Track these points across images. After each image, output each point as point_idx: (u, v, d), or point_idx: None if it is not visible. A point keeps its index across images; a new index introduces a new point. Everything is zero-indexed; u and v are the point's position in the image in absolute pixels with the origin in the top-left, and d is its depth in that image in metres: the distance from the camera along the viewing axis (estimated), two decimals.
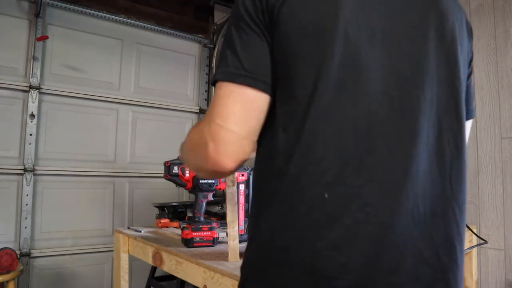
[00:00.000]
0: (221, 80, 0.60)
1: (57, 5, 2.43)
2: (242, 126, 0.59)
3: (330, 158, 0.56)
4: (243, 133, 0.59)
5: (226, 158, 0.60)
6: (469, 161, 1.67)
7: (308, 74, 0.58)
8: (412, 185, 0.57)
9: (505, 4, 1.61)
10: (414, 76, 0.61)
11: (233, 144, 0.60)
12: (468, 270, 1.60)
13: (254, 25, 0.61)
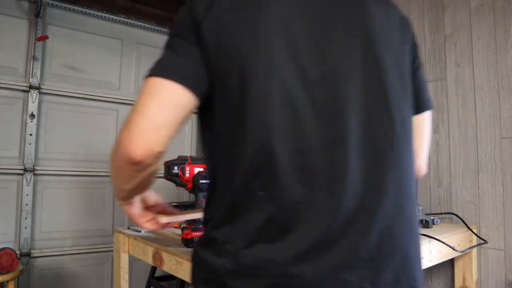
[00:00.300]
0: (149, 76, 0.62)
1: (57, 5, 2.42)
2: (162, 115, 0.59)
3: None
4: (162, 122, 0.59)
5: (136, 146, 0.58)
6: (469, 161, 1.67)
7: (234, 87, 0.62)
8: (345, 185, 0.59)
9: (505, 4, 1.61)
10: (339, 79, 0.63)
11: (147, 131, 0.59)
12: (468, 270, 1.60)
13: (188, 33, 0.64)
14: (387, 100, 0.65)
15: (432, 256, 1.34)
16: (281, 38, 0.62)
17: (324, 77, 0.62)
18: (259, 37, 0.62)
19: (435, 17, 1.85)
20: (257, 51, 0.61)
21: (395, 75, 0.68)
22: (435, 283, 1.79)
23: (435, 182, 1.81)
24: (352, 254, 0.59)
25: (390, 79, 0.66)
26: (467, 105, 1.72)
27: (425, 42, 1.88)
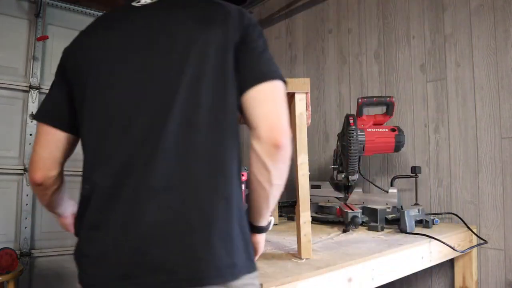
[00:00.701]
0: (36, 119, 0.88)
1: (57, 5, 2.43)
2: (44, 150, 0.85)
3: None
4: (46, 155, 0.85)
5: (33, 173, 0.86)
6: (469, 161, 1.67)
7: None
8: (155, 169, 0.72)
9: (505, 4, 1.61)
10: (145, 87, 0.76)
11: (39, 163, 0.85)
12: (468, 270, 1.60)
13: (58, 76, 0.87)
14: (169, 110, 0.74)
15: (432, 256, 1.34)
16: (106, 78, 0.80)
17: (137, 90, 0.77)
18: (89, 78, 0.80)
19: (435, 17, 1.85)
20: (88, 89, 0.80)
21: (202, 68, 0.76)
22: (435, 283, 1.79)
23: (435, 182, 1.81)
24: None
25: (182, 78, 0.75)
26: (467, 105, 1.72)
27: (425, 42, 1.88)
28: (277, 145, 0.72)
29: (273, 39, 2.80)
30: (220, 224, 0.71)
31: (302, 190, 1.01)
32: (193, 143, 0.74)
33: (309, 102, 1.05)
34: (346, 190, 1.89)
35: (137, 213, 0.70)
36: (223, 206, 0.72)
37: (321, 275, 0.93)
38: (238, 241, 0.74)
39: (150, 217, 0.69)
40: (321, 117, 2.37)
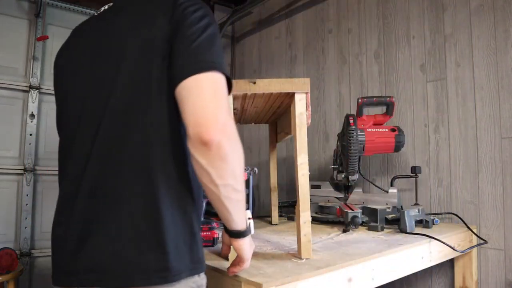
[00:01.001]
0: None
1: (57, 5, 2.43)
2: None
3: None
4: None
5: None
6: (469, 161, 1.67)
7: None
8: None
9: (505, 4, 1.60)
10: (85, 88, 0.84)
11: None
12: (468, 270, 1.60)
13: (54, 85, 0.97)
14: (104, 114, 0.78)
15: (432, 256, 1.34)
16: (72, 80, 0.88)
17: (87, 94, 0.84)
18: (57, 87, 0.93)
19: (435, 17, 1.85)
20: (57, 99, 0.92)
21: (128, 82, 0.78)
22: (435, 283, 1.79)
23: (435, 182, 1.81)
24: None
25: (111, 77, 0.79)
26: (467, 105, 1.72)
27: (425, 42, 1.88)
28: (205, 142, 0.67)
29: (273, 39, 2.80)
30: (147, 228, 0.73)
31: (302, 190, 1.01)
32: (120, 148, 0.76)
33: (309, 102, 1.05)
34: (346, 190, 1.89)
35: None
36: (151, 210, 0.73)
37: (321, 275, 0.93)
38: (175, 244, 0.73)
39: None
40: (321, 117, 2.37)
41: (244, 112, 1.44)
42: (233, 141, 0.70)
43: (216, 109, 0.69)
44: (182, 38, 0.76)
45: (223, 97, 0.72)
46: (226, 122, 0.69)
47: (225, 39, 3.21)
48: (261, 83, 1.04)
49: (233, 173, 0.72)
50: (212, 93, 0.71)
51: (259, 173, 2.70)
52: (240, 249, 0.85)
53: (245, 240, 0.85)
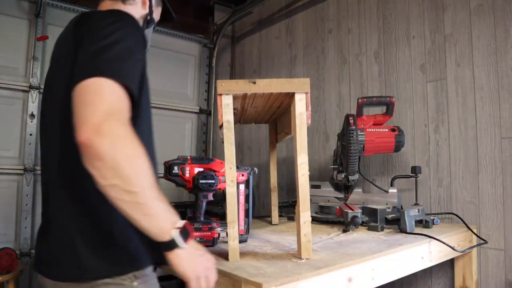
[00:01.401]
0: None
1: (57, 5, 2.42)
2: None
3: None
4: None
5: None
6: (469, 161, 1.67)
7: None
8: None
9: (505, 4, 1.60)
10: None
11: None
12: (468, 270, 1.60)
13: None
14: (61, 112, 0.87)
15: (432, 256, 1.34)
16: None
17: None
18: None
19: (435, 17, 1.85)
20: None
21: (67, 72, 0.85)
22: (435, 283, 1.79)
23: (435, 182, 1.80)
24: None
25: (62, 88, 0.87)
26: (467, 105, 1.72)
27: (425, 42, 1.88)
28: (80, 143, 0.71)
29: (273, 39, 2.80)
30: (64, 232, 0.86)
31: (302, 190, 1.01)
32: (53, 158, 0.89)
33: (309, 102, 1.05)
34: (346, 190, 1.89)
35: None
36: (65, 215, 0.86)
37: (321, 275, 0.93)
38: (85, 246, 0.83)
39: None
40: (321, 117, 2.37)
41: (244, 112, 1.44)
42: (114, 141, 0.71)
43: (87, 112, 0.73)
44: (79, 50, 0.84)
45: (100, 100, 0.74)
46: (101, 123, 0.71)
47: (225, 39, 3.21)
48: (261, 83, 1.04)
49: (116, 172, 0.71)
50: (88, 98, 0.75)
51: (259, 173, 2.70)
52: (175, 265, 0.79)
53: (178, 253, 0.78)
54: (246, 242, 1.27)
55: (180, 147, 2.98)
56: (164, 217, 0.77)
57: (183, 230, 0.78)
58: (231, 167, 1.01)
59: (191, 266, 0.80)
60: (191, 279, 0.81)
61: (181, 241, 0.78)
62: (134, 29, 0.90)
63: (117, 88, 0.78)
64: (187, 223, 0.81)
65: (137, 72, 0.85)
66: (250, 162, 2.91)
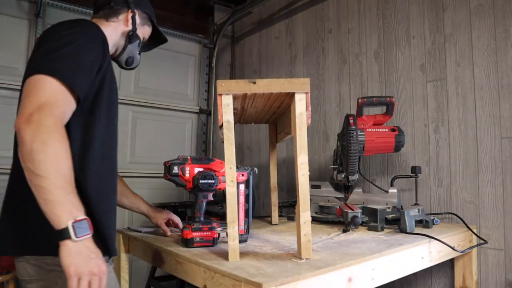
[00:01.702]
0: None
1: (57, 5, 2.43)
2: None
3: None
4: None
5: None
6: (469, 161, 1.67)
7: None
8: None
9: (505, 4, 1.61)
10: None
11: None
12: (468, 270, 1.60)
13: None
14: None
15: (432, 256, 1.34)
16: None
17: None
18: None
19: (435, 17, 1.85)
20: None
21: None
22: (435, 283, 1.79)
23: (435, 182, 1.81)
24: None
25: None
26: (467, 105, 1.72)
27: (425, 42, 1.88)
28: (15, 129, 0.88)
29: (273, 39, 2.80)
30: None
31: (302, 190, 1.01)
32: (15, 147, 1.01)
33: (309, 102, 1.05)
34: (346, 190, 1.89)
35: None
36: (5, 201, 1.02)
37: (321, 275, 0.93)
38: (6, 226, 0.99)
39: None
40: (321, 117, 2.37)
41: (244, 112, 1.44)
42: (37, 129, 0.83)
43: (25, 104, 0.88)
44: (36, 52, 1.01)
45: (36, 94, 0.88)
46: (32, 113, 0.85)
47: (225, 39, 3.21)
48: (261, 83, 1.04)
49: (30, 156, 0.83)
50: (27, 94, 0.90)
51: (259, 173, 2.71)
52: (61, 257, 0.81)
53: (68, 245, 0.81)
54: (246, 242, 1.27)
55: (180, 147, 2.98)
56: (63, 206, 0.82)
57: (80, 225, 0.82)
58: (231, 167, 1.01)
59: (76, 263, 0.81)
60: (71, 276, 0.81)
61: (73, 234, 0.80)
62: (89, 34, 1.03)
63: (54, 84, 0.90)
64: (88, 220, 0.84)
65: (83, 72, 0.96)
66: (250, 162, 2.91)
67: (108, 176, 1.09)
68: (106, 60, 1.07)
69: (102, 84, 1.05)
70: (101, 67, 1.04)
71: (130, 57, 1.30)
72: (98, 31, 1.07)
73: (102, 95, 1.05)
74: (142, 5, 1.33)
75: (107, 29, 1.21)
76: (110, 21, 1.23)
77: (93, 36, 1.04)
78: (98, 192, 1.03)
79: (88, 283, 0.82)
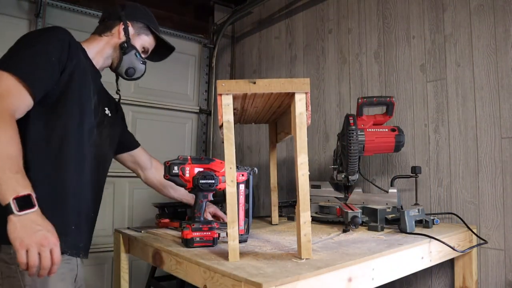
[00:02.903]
0: None
1: (57, 5, 2.42)
2: None
3: None
4: None
5: None
6: (469, 161, 1.67)
7: None
8: None
9: (505, 4, 1.60)
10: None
11: None
12: (468, 270, 1.60)
13: None
14: None
15: (432, 256, 1.34)
16: None
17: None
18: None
19: (435, 17, 1.85)
20: None
21: None
22: (435, 283, 1.79)
23: (435, 182, 1.81)
24: None
25: None
26: (467, 105, 1.72)
27: (425, 42, 1.88)
28: None
29: (273, 39, 2.80)
30: None
31: (302, 190, 1.01)
32: None
33: (309, 102, 1.05)
34: (346, 190, 1.89)
35: None
36: None
37: (321, 275, 0.93)
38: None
39: None
40: (321, 117, 2.37)
41: (244, 112, 1.44)
42: None
43: None
44: None
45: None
46: None
47: (225, 39, 3.21)
48: (261, 83, 1.04)
49: None
50: None
51: (259, 173, 2.71)
52: (8, 231, 0.87)
53: (12, 220, 0.87)
54: (246, 242, 1.27)
55: (180, 147, 2.98)
56: (6, 185, 0.87)
57: (22, 200, 0.87)
58: (231, 167, 1.01)
59: (21, 236, 0.86)
60: (17, 249, 0.86)
61: (14, 209, 0.86)
62: (51, 37, 1.11)
63: (9, 79, 0.98)
64: (31, 196, 0.89)
65: (41, 72, 1.04)
66: (250, 162, 2.91)
67: (66, 176, 1.12)
68: (73, 62, 1.13)
69: (67, 85, 1.11)
70: (65, 68, 1.11)
71: (130, 67, 1.36)
72: (62, 35, 1.15)
73: (67, 96, 1.11)
74: (137, 16, 1.36)
75: (99, 43, 1.31)
76: (103, 36, 1.33)
77: (55, 38, 1.11)
78: (47, 192, 1.05)
79: (39, 254, 0.87)
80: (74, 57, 1.15)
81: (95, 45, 1.32)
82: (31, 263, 0.86)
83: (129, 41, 1.32)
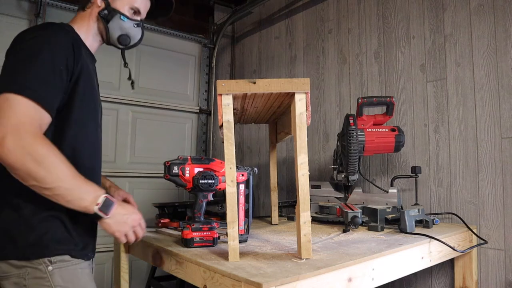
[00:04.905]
0: None
1: (57, 5, 2.42)
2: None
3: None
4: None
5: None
6: (469, 161, 1.67)
7: None
8: None
9: (505, 4, 1.60)
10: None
11: None
12: (468, 270, 1.60)
13: None
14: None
15: (432, 256, 1.34)
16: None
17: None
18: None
19: (435, 17, 1.85)
20: None
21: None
22: (435, 283, 1.79)
23: (435, 182, 1.81)
24: None
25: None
26: (467, 105, 1.72)
27: (425, 42, 1.88)
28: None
29: (273, 39, 2.80)
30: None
31: (302, 190, 1.01)
32: None
33: (309, 102, 1.05)
34: (346, 190, 1.89)
35: None
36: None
37: (321, 275, 0.93)
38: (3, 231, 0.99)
39: None
40: (321, 117, 2.37)
41: (244, 112, 1.44)
42: (20, 151, 0.87)
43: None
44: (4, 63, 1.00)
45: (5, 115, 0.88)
46: (4, 136, 0.86)
47: (225, 39, 3.21)
48: (261, 83, 1.04)
49: (30, 176, 0.89)
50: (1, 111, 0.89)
51: (259, 173, 2.71)
52: (105, 229, 1.04)
53: (105, 221, 1.01)
54: (246, 242, 1.27)
55: (180, 147, 2.98)
56: (84, 198, 0.95)
57: (103, 205, 0.97)
58: (231, 167, 1.01)
59: (118, 228, 1.02)
60: (118, 238, 1.04)
61: (103, 214, 0.97)
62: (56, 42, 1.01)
63: (24, 102, 0.90)
64: (107, 197, 0.98)
65: (52, 85, 0.96)
66: (250, 162, 2.91)
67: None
68: (79, 65, 1.04)
69: (73, 91, 1.04)
70: (74, 73, 1.03)
71: (122, 34, 1.19)
72: (65, 37, 1.04)
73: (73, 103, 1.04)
74: None
75: (84, 19, 1.16)
76: (86, 9, 1.17)
77: (59, 43, 1.01)
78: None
79: (133, 233, 1.06)
80: (79, 59, 1.06)
81: (82, 24, 1.17)
82: (130, 241, 1.06)
83: (109, 6, 1.16)
